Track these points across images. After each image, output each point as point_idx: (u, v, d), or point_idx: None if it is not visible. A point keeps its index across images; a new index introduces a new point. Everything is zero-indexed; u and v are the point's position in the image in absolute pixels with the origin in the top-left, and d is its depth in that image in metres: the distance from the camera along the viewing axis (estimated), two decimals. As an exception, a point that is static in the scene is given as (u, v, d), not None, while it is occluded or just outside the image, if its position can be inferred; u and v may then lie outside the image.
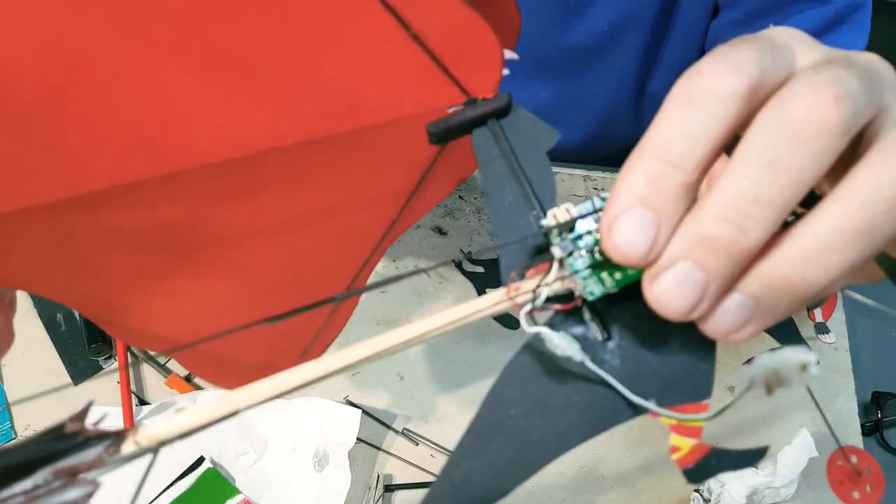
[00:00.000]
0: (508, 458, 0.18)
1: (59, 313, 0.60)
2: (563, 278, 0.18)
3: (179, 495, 0.48)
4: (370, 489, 0.48)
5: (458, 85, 0.21)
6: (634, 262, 0.16)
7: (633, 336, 0.19)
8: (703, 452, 0.18)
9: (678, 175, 0.16)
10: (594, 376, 0.18)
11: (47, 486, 0.16)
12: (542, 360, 0.18)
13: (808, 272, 0.16)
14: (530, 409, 0.18)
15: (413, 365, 0.55)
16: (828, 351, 0.53)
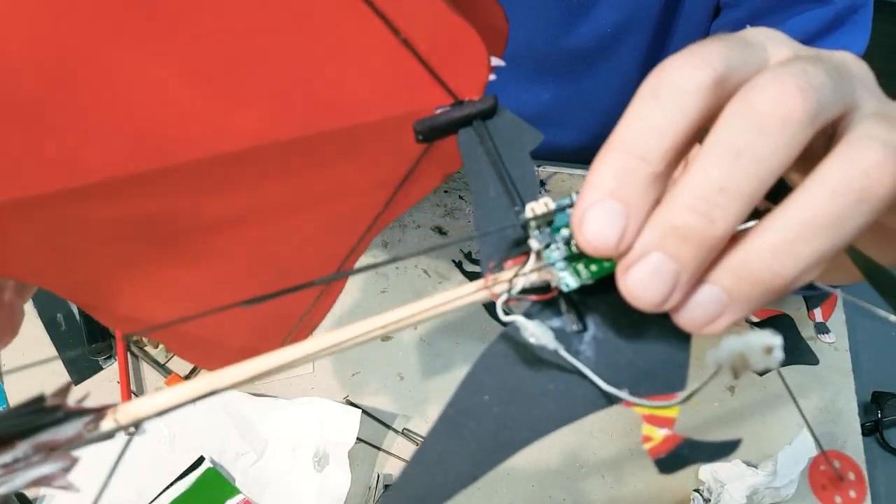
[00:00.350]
0: (481, 443, 0.18)
1: (59, 313, 0.60)
2: (540, 269, 0.18)
3: (179, 495, 0.48)
4: (370, 489, 0.48)
5: (445, 87, 0.21)
6: (605, 254, 0.17)
7: (609, 327, 0.19)
8: (675, 443, 0.18)
9: (645, 167, 0.17)
10: (568, 366, 0.18)
11: (26, 460, 0.16)
12: (517, 348, 0.19)
13: (777, 263, 0.16)
14: (504, 396, 0.19)
15: (413, 365, 0.55)
16: (828, 351, 0.53)
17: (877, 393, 0.50)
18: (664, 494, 0.47)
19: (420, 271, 0.60)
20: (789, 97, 0.16)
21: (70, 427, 0.17)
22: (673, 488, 0.48)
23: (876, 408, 0.49)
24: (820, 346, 0.54)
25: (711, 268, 0.17)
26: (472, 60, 0.21)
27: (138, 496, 0.48)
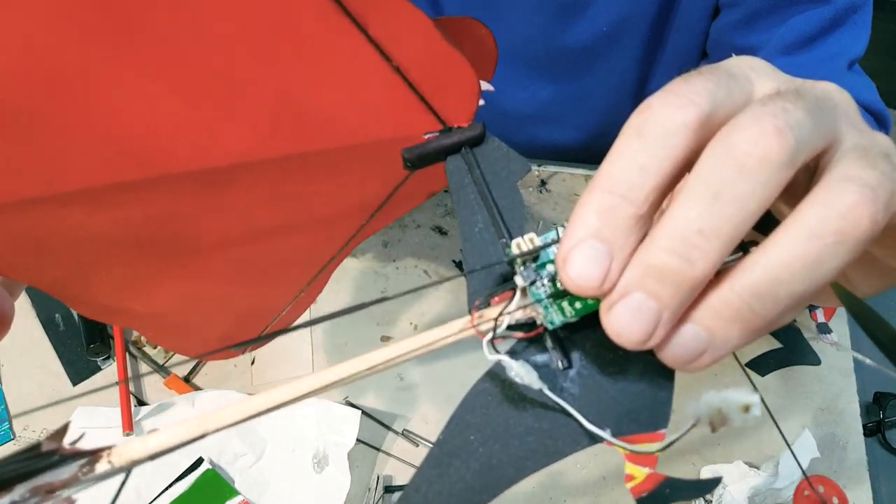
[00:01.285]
0: (467, 483, 0.18)
1: (58, 313, 0.60)
2: (525, 307, 0.18)
3: (178, 496, 0.48)
4: (370, 490, 0.48)
5: (435, 114, 0.22)
6: (589, 293, 0.17)
7: (593, 365, 0.19)
8: (656, 482, 0.18)
9: (628, 207, 0.17)
10: (553, 404, 0.18)
11: (24, 503, 0.16)
12: (503, 387, 0.19)
13: (756, 304, 0.16)
14: (490, 436, 0.18)
15: (413, 366, 0.54)
16: (830, 351, 0.53)
17: (878, 393, 0.50)
18: (665, 495, 0.47)
19: (420, 271, 0.60)
20: (767, 137, 0.16)
21: (66, 469, 0.18)
22: (674, 489, 0.47)
23: (878, 408, 0.49)
24: (822, 346, 0.53)
25: (694, 306, 0.17)
26: (463, 88, 0.21)
27: (138, 497, 0.48)
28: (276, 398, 0.18)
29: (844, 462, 0.48)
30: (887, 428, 0.49)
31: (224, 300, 0.35)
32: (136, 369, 0.56)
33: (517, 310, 0.18)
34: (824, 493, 0.24)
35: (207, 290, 0.33)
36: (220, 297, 0.35)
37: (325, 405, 0.50)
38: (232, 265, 0.31)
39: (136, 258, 0.27)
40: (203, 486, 0.48)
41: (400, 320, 0.57)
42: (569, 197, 0.63)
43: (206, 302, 0.35)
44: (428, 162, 0.22)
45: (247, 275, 0.32)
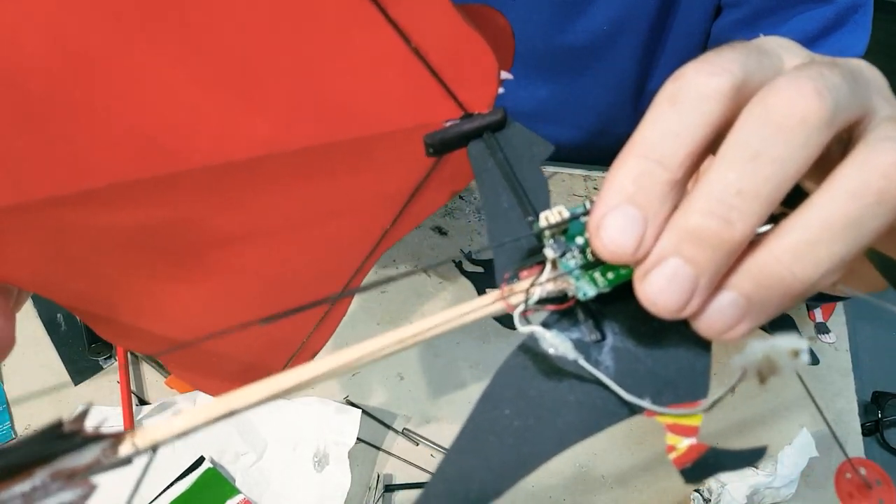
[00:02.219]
0: (503, 458, 0.18)
1: (59, 313, 0.60)
2: (556, 279, 0.18)
3: (179, 495, 0.48)
4: (370, 489, 0.48)
5: (456, 99, 0.22)
6: (623, 260, 0.16)
7: (628, 337, 0.19)
8: (700, 452, 0.18)
9: (663, 173, 0.16)
10: (588, 376, 0.18)
11: (45, 488, 0.16)
12: (536, 360, 0.18)
13: (797, 267, 0.16)
14: (524, 410, 0.18)
15: (413, 365, 0.55)
16: (828, 351, 0.53)
17: (877, 393, 0.50)
18: (665, 495, 0.47)
19: (420, 271, 0.60)
20: (807, 98, 0.16)
21: (88, 453, 0.17)
22: (673, 488, 0.48)
23: (876, 408, 0.49)
24: (820, 346, 0.54)
25: (730, 273, 0.16)
26: (483, 73, 0.21)
27: (138, 496, 0.48)
28: (303, 375, 0.17)
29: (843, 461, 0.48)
30: (885, 427, 0.49)
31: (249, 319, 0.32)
32: (138, 368, 0.56)
33: (548, 281, 0.18)
34: (867, 475, 0.24)
35: (232, 306, 0.32)
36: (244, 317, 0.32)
37: (325, 404, 0.50)
38: (256, 281, 0.30)
39: (159, 264, 0.26)
40: (204, 485, 0.48)
41: (400, 320, 0.57)
42: (568, 197, 0.63)
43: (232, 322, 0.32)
44: (451, 147, 0.22)
45: (271, 290, 0.31)
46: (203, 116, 0.20)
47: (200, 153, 0.21)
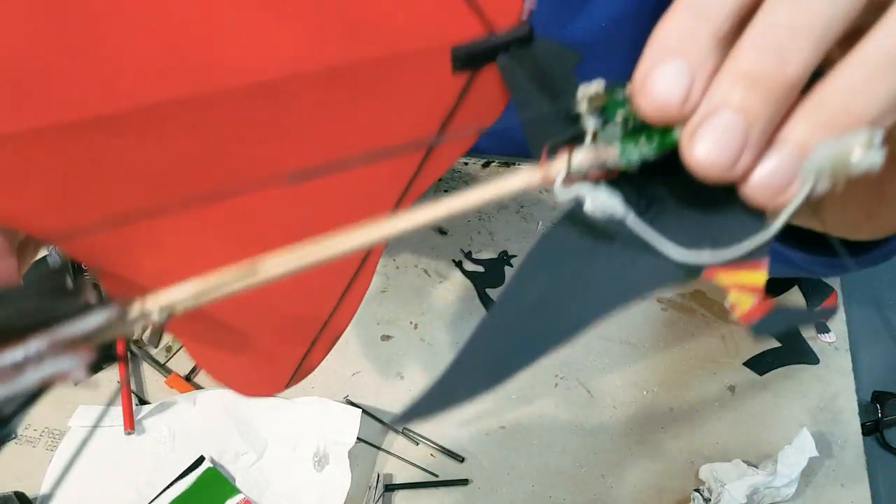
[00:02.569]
0: (539, 326, 0.18)
1: (59, 313, 0.60)
2: (597, 149, 0.17)
3: (179, 495, 0.48)
4: (370, 489, 0.48)
5: (482, 15, 0.21)
6: (670, 116, 0.16)
7: (672, 210, 0.18)
8: (768, 307, 0.17)
9: (709, 26, 0.16)
10: (640, 233, 0.17)
11: (38, 358, 0.15)
12: (576, 228, 0.18)
13: (855, 102, 0.15)
14: (566, 276, 0.18)
15: (413, 365, 0.55)
16: (828, 350, 0.53)
17: (877, 392, 0.50)
18: (664, 494, 0.47)
19: (420, 271, 0.60)
20: None
21: (92, 319, 0.16)
22: (673, 488, 0.48)
23: (876, 407, 0.49)
24: (820, 345, 0.54)
25: (782, 126, 0.15)
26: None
27: (138, 496, 0.48)
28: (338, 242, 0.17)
29: (843, 461, 0.48)
30: (885, 427, 0.49)
31: None
32: (138, 368, 0.56)
33: (589, 151, 0.17)
34: None
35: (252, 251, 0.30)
36: None
37: (325, 404, 0.50)
38: (283, 223, 0.28)
39: (186, 212, 0.26)
40: (204, 485, 0.48)
41: (400, 320, 0.57)
42: (568, 197, 0.63)
43: None
44: (478, 61, 0.22)
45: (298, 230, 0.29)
46: (231, 33, 0.20)
47: (228, 71, 0.21)
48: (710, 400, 0.51)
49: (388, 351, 0.56)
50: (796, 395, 0.51)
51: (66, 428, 0.52)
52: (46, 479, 0.50)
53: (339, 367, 0.55)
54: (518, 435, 0.51)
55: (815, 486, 0.47)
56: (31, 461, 0.51)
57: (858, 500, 0.47)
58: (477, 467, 0.49)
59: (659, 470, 0.48)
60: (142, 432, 0.51)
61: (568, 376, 0.53)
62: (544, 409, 0.52)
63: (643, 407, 0.51)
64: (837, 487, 0.47)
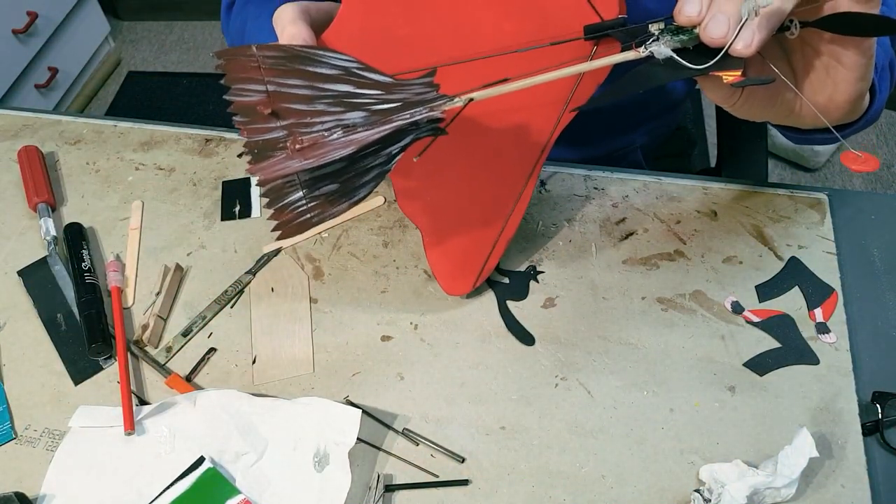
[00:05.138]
0: (626, 86, 0.40)
1: (60, 313, 0.60)
2: (659, 41, 0.39)
3: (179, 495, 0.48)
4: (370, 489, 0.48)
5: (594, 9, 0.43)
6: (693, 21, 0.37)
7: (690, 58, 0.38)
8: (740, 78, 0.39)
9: None
10: (676, 64, 0.39)
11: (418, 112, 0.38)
12: (652, 63, 0.40)
13: None
14: (647, 74, 0.40)
15: (413, 365, 0.55)
16: (828, 351, 0.53)
17: (877, 393, 0.50)
18: (664, 494, 0.47)
19: (420, 271, 0.60)
20: None
21: (439, 101, 0.39)
22: (673, 488, 0.48)
23: (876, 407, 0.49)
24: (820, 345, 0.54)
25: None
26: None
27: (138, 496, 0.48)
28: None
29: (843, 461, 0.48)
30: (886, 427, 0.49)
31: (473, 187, 0.54)
32: (138, 368, 0.56)
33: (655, 39, 0.39)
34: (863, 157, 0.40)
35: (465, 183, 0.54)
36: (470, 181, 0.54)
37: (325, 404, 0.50)
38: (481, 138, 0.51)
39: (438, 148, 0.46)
40: (204, 485, 0.48)
41: (400, 320, 0.57)
42: (568, 197, 0.63)
43: (462, 185, 0.54)
44: (600, 33, 0.43)
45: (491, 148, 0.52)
46: (485, 30, 0.47)
47: (480, 51, 0.47)
48: (710, 400, 0.51)
49: (388, 351, 0.56)
50: (796, 395, 0.51)
51: (66, 428, 0.52)
52: (46, 479, 0.50)
53: (339, 367, 0.55)
54: (518, 435, 0.51)
55: (815, 486, 0.47)
56: (31, 461, 0.51)
57: (858, 500, 0.47)
58: (477, 467, 0.49)
59: (659, 470, 0.48)
60: (142, 432, 0.51)
61: (568, 376, 0.53)
62: (544, 409, 0.52)
63: (643, 407, 0.51)
64: (837, 487, 0.47)
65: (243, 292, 0.60)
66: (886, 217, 0.62)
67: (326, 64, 0.38)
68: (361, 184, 0.40)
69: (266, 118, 0.39)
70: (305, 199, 0.40)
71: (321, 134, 0.38)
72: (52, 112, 0.78)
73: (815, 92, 0.43)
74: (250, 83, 0.38)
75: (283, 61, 0.38)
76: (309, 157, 0.38)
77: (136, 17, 2.31)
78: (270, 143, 0.39)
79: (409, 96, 0.39)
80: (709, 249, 0.60)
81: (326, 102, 0.38)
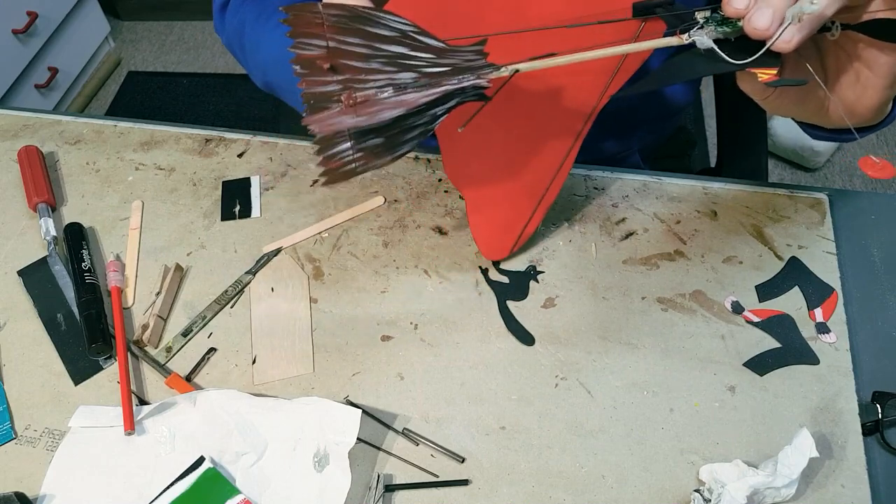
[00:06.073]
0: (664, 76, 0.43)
1: (60, 313, 0.60)
2: (704, 30, 0.40)
3: (179, 495, 0.48)
4: (370, 489, 0.48)
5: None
6: (740, 13, 0.38)
7: (729, 51, 0.40)
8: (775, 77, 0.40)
9: None
10: (716, 55, 0.40)
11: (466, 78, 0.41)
12: (693, 52, 0.41)
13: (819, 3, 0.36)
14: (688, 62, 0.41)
15: (413, 365, 0.55)
16: (828, 351, 0.53)
17: (877, 393, 0.50)
18: (664, 494, 0.47)
19: (420, 271, 0.60)
20: None
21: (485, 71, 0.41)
22: (673, 488, 0.48)
23: (876, 407, 0.49)
24: (820, 345, 0.54)
25: None
26: None
27: (138, 496, 0.48)
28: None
29: (843, 461, 0.48)
30: (886, 427, 0.49)
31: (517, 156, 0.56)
32: (138, 368, 0.56)
33: (700, 28, 0.40)
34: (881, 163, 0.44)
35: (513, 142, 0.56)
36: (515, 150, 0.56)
37: (325, 404, 0.50)
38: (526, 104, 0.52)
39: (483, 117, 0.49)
40: (204, 485, 0.48)
41: (400, 320, 0.57)
42: (568, 197, 0.63)
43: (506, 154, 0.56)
44: (645, 12, 0.45)
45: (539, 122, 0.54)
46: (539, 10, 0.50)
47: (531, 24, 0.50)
48: (710, 400, 0.51)
49: (388, 351, 0.56)
50: (796, 395, 0.51)
51: (66, 428, 0.52)
52: (46, 479, 0.50)
53: (339, 368, 0.55)
54: (518, 435, 0.51)
55: (815, 486, 0.47)
56: (31, 461, 0.51)
57: (858, 500, 0.47)
58: (477, 467, 0.49)
59: (659, 470, 0.48)
60: (142, 432, 0.51)
61: (568, 376, 0.53)
62: (544, 409, 0.52)
63: (643, 407, 0.51)
64: (837, 487, 0.47)
65: (243, 292, 0.60)
66: (886, 217, 0.62)
67: (385, 25, 0.41)
68: (405, 140, 0.43)
69: (324, 72, 0.41)
70: (352, 150, 0.42)
71: (374, 91, 0.41)
72: (52, 112, 0.78)
73: (843, 95, 0.44)
74: (313, 38, 0.41)
75: (345, 20, 0.41)
76: (361, 115, 0.41)
77: (136, 17, 2.31)
78: (326, 94, 0.41)
79: (459, 62, 0.41)
80: (709, 249, 0.60)
81: (381, 62, 0.41)
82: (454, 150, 0.58)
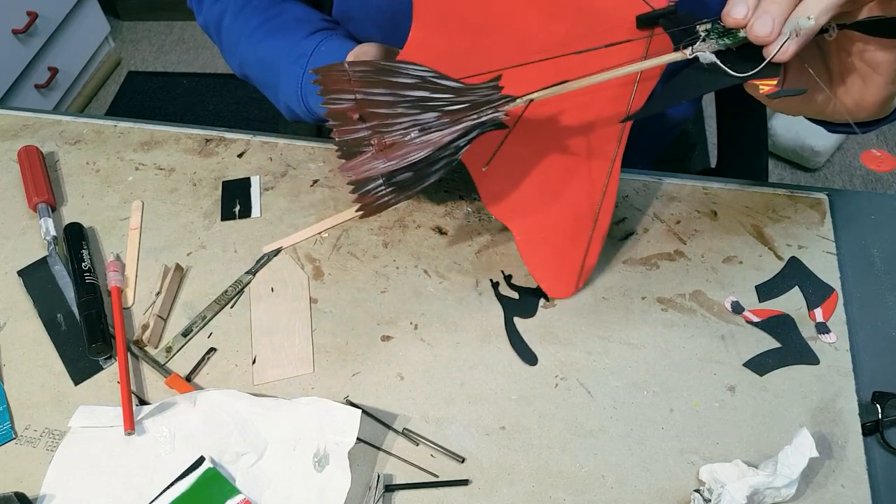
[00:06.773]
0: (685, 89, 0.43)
1: (60, 313, 0.60)
2: (706, 42, 0.42)
3: (179, 495, 0.48)
4: (370, 489, 0.48)
5: (648, 3, 0.46)
6: (740, 24, 0.40)
7: (731, 64, 0.41)
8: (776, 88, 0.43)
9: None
10: (719, 69, 0.42)
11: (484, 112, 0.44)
12: (696, 66, 0.42)
13: (805, 10, 0.38)
14: (693, 78, 0.43)
15: (413, 365, 0.55)
16: (828, 351, 0.53)
17: (877, 393, 0.50)
18: (664, 494, 0.47)
19: (420, 271, 0.60)
20: None
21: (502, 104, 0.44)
22: (673, 488, 0.48)
23: (876, 407, 0.49)
24: (820, 345, 0.54)
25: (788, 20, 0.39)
26: None
27: (138, 496, 0.48)
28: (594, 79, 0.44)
29: (843, 461, 0.48)
30: (886, 427, 0.49)
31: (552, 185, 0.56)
32: (138, 368, 0.56)
33: (703, 41, 0.42)
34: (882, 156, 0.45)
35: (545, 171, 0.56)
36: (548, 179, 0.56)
37: (325, 404, 0.50)
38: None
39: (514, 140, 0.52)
40: (204, 485, 0.48)
41: (400, 320, 0.57)
42: (569, 197, 0.63)
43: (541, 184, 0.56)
44: (650, 23, 0.46)
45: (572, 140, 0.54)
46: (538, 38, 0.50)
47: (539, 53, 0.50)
48: (710, 400, 0.51)
49: (388, 351, 0.56)
50: (796, 395, 0.51)
51: (66, 428, 0.52)
52: (46, 479, 0.50)
53: (339, 367, 0.55)
54: (518, 435, 0.51)
55: (815, 486, 0.47)
56: (31, 461, 0.51)
57: (858, 500, 0.47)
58: (477, 467, 0.49)
59: (659, 470, 0.48)
60: (142, 432, 0.51)
61: (568, 376, 0.53)
62: (544, 409, 0.52)
63: (643, 407, 0.51)
64: (837, 487, 0.47)
65: (243, 292, 0.60)
66: (886, 217, 0.62)
67: (406, 74, 0.44)
68: (432, 171, 0.47)
69: (354, 122, 0.46)
70: (384, 186, 0.48)
71: (401, 133, 0.45)
72: (52, 112, 0.78)
73: (847, 93, 0.46)
74: (342, 93, 0.46)
75: (369, 74, 0.45)
76: (392, 159, 0.45)
77: (136, 17, 2.31)
78: (357, 141, 0.46)
79: (477, 98, 0.44)
80: (709, 249, 0.60)
81: (405, 106, 0.45)
82: (488, 182, 0.57)
